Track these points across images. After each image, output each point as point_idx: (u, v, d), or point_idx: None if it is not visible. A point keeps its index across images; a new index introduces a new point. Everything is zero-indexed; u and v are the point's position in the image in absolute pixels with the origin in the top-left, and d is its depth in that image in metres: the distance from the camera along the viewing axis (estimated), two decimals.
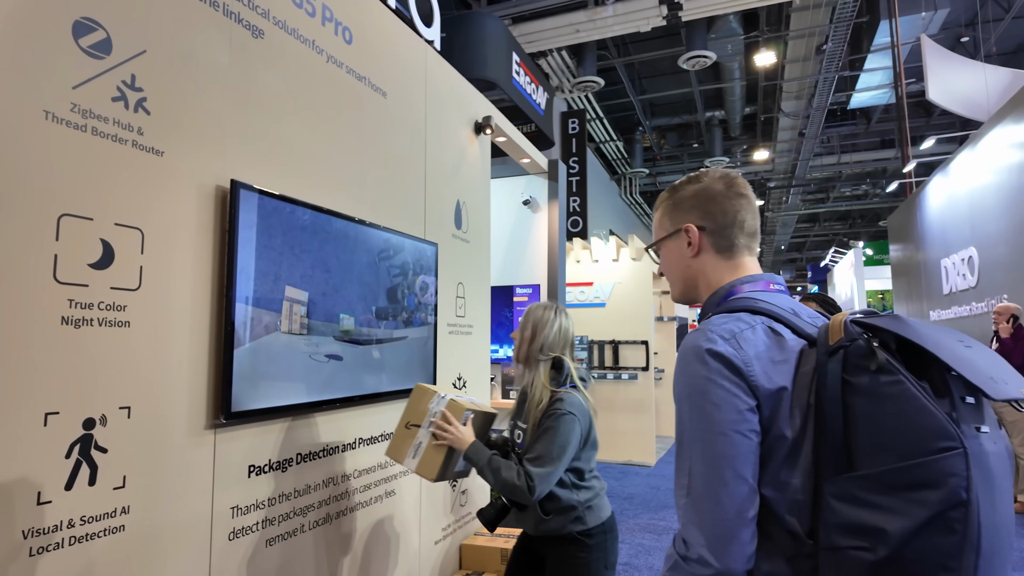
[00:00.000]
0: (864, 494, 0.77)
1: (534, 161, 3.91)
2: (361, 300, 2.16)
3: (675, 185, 1.09)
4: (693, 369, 0.89)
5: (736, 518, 0.83)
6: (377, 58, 2.36)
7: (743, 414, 0.85)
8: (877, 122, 13.42)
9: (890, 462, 0.76)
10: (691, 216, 1.04)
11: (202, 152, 1.61)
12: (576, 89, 10.94)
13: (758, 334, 0.90)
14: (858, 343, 0.81)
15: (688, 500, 0.87)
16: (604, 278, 6.48)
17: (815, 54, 10.33)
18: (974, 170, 6.32)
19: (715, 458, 0.85)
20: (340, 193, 2.13)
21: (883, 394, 0.78)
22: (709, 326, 0.91)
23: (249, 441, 1.73)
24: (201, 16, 1.63)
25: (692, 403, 0.89)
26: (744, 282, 1.00)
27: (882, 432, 0.77)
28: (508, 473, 1.67)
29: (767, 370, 0.87)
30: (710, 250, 1.03)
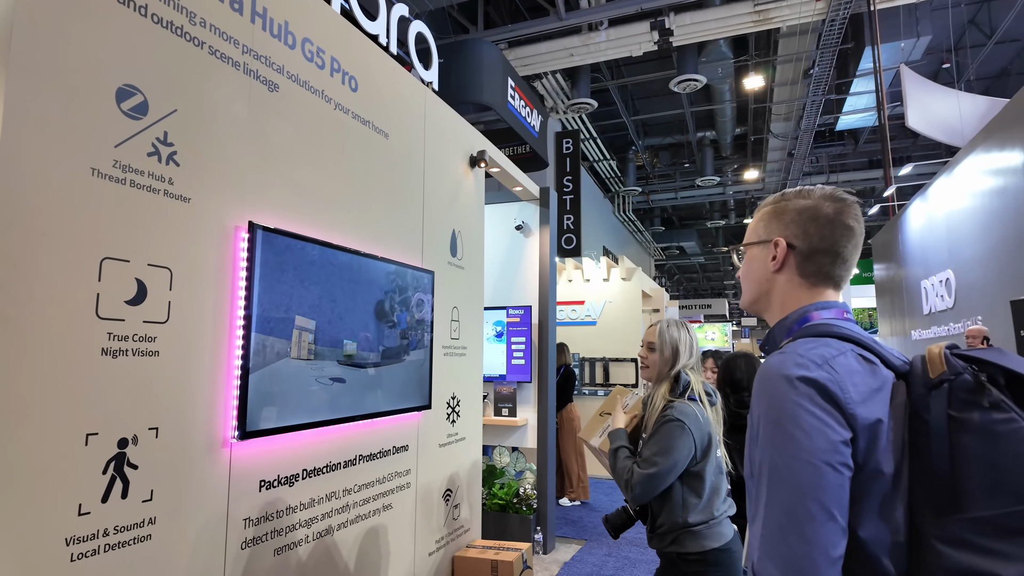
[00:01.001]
0: (978, 538, 0.73)
1: (526, 189, 4.11)
2: (363, 326, 2.33)
3: (785, 193, 1.04)
4: (780, 392, 0.83)
5: (821, 557, 0.77)
6: (380, 102, 2.56)
7: (836, 445, 0.79)
8: (865, 143, 13.74)
9: (1008, 505, 0.72)
10: (788, 231, 0.99)
11: (224, 197, 1.79)
12: (570, 110, 11.21)
13: (850, 361, 0.85)
14: (964, 377, 0.77)
15: (766, 532, 0.81)
16: (595, 297, 6.67)
17: (803, 78, 10.63)
18: (951, 195, 6.56)
19: (802, 489, 0.78)
20: (346, 228, 2.31)
21: (998, 432, 0.74)
22: (796, 350, 0.86)
23: (261, 458, 1.90)
24: (224, 74, 1.82)
25: (778, 428, 0.82)
26: (818, 308, 0.96)
27: (998, 473, 0.73)
28: (622, 464, 1.78)
29: (864, 399, 0.82)
30: (793, 270, 0.99)
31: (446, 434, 3.02)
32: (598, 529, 4.73)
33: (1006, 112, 5.23)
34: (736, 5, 9.06)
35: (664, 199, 15.89)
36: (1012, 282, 4.81)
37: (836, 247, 0.96)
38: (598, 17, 9.35)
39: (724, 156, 14.37)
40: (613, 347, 6.53)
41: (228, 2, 1.84)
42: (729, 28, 9.35)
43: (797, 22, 9.18)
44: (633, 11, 9.20)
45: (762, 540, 0.81)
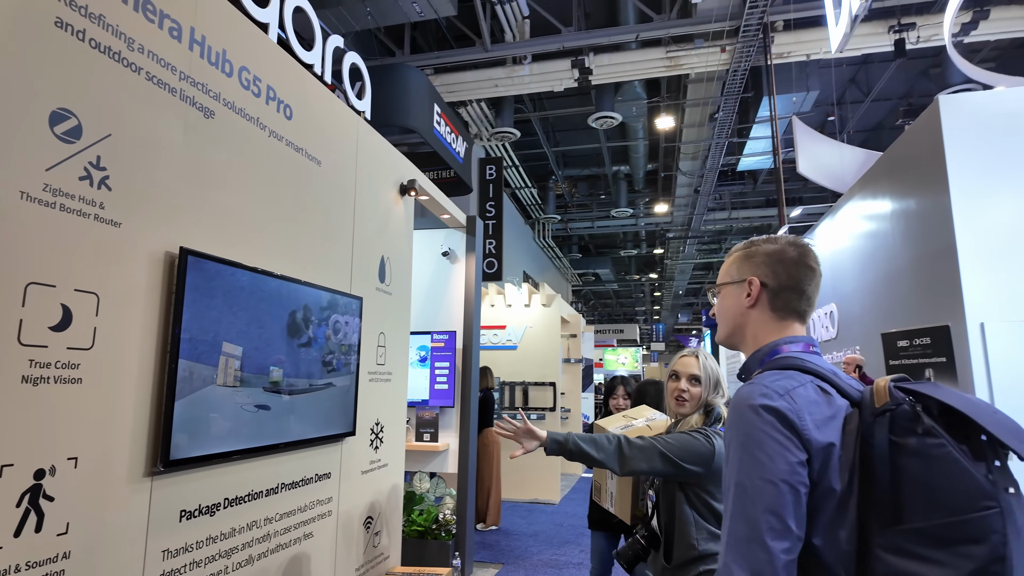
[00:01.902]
0: (914, 547, 0.83)
1: (453, 217, 4.22)
2: (290, 352, 2.34)
3: (753, 240, 1.19)
4: (748, 419, 0.95)
5: (778, 562, 0.89)
6: (314, 130, 2.60)
7: (793, 467, 0.91)
8: (762, 183, 14.92)
9: (940, 518, 0.82)
10: (759, 271, 1.14)
11: (155, 222, 1.78)
12: (494, 138, 11.48)
13: (809, 392, 0.97)
14: (904, 407, 0.88)
15: (732, 540, 0.93)
16: (516, 322, 6.83)
17: (708, 121, 11.48)
18: (834, 236, 7.29)
19: (764, 504, 0.90)
20: (276, 254, 2.32)
21: (931, 456, 0.84)
22: (763, 381, 0.99)
23: (182, 487, 1.86)
24: (160, 100, 1.81)
25: (745, 452, 0.94)
26: (787, 342, 1.09)
27: (930, 490, 0.84)
28: (608, 439, 1.71)
29: (819, 426, 0.94)
30: (765, 306, 1.13)
31: (368, 461, 3.02)
32: (515, 552, 4.81)
33: (879, 165, 5.93)
34: (650, 50, 9.69)
35: (582, 227, 16.47)
36: (884, 316, 5.41)
37: (801, 285, 1.12)
38: (522, 52, 9.70)
39: (637, 190, 15.14)
40: (533, 371, 6.69)
41: (167, 29, 1.85)
42: (643, 71, 9.99)
43: (704, 70, 9.94)
44: (555, 48, 9.63)
45: (728, 548, 0.93)
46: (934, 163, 4.33)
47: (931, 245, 4.55)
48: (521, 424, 1.90)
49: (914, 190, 4.88)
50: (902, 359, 4.61)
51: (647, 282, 23.42)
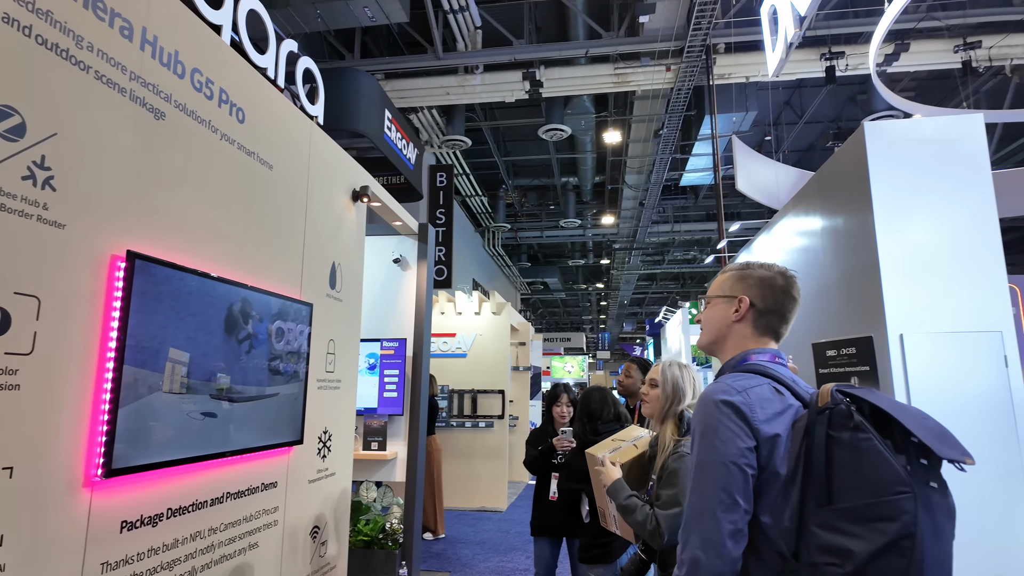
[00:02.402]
0: (841, 523, 0.98)
1: (405, 224, 4.22)
2: (238, 359, 2.30)
3: (749, 263, 1.34)
4: (708, 411, 1.12)
5: (726, 531, 1.04)
6: (266, 135, 2.57)
7: (743, 451, 1.07)
8: (703, 199, 15.48)
9: (860, 499, 0.98)
10: (750, 292, 1.28)
11: (102, 225, 1.73)
12: (445, 145, 11.50)
13: (764, 391, 1.13)
14: (840, 407, 1.04)
15: (690, 512, 1.09)
16: (466, 330, 6.86)
17: (653, 137, 11.85)
18: (769, 250, 7.66)
19: (716, 482, 1.07)
20: (227, 259, 2.28)
21: (860, 448, 1.00)
22: (725, 381, 1.16)
23: (124, 498, 1.80)
24: (110, 100, 1.77)
25: (704, 438, 1.11)
26: (756, 353, 1.25)
27: (856, 476, 0.99)
28: (641, 513, 1.74)
29: (768, 419, 1.09)
30: (749, 323, 1.28)
31: (316, 469, 2.99)
32: (461, 560, 4.81)
33: (810, 185, 6.29)
34: (599, 66, 9.94)
35: (531, 237, 16.66)
36: (815, 327, 5.73)
37: (783, 310, 1.28)
38: (474, 61, 9.78)
39: (585, 201, 15.45)
40: (482, 379, 6.72)
41: (118, 28, 1.81)
42: (592, 86, 10.23)
43: (650, 87, 10.27)
44: (507, 60, 9.75)
45: (687, 518, 1.09)
46: (859, 184, 4.64)
47: (857, 261, 4.86)
48: None
49: (841, 209, 5.21)
50: (830, 367, 4.90)
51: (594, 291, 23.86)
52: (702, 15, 8.31)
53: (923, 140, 4.48)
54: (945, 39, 8.69)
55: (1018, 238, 15.43)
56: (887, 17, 5.51)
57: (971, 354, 4.09)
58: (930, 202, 4.34)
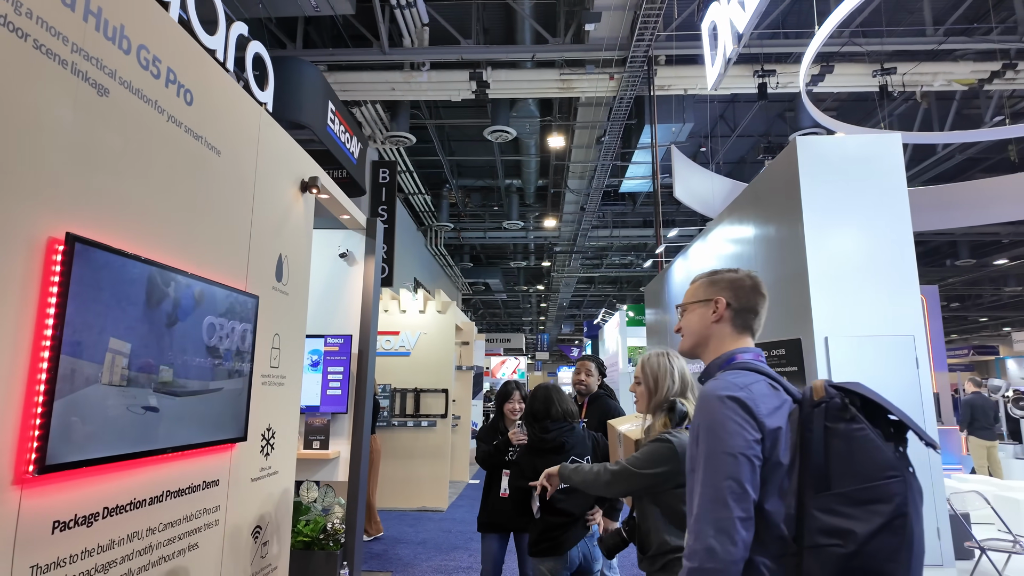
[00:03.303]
0: (839, 507, 1.07)
1: (353, 218, 4.15)
2: (181, 351, 2.20)
3: (715, 270, 1.44)
4: (713, 407, 1.18)
5: (737, 518, 1.11)
6: (215, 119, 2.47)
7: (750, 443, 1.14)
8: (641, 205, 15.94)
9: (856, 484, 1.07)
10: (724, 293, 1.38)
11: (38, 206, 1.62)
12: (389, 141, 11.34)
13: (762, 387, 1.21)
14: (835, 400, 1.13)
15: (701, 501, 1.14)
16: (410, 328, 6.78)
17: (596, 143, 12.10)
18: (705, 256, 7.98)
19: (726, 472, 1.12)
20: (170, 246, 2.18)
21: (854, 437, 1.09)
22: (726, 378, 1.23)
23: (57, 496, 1.69)
24: (49, 72, 1.66)
25: (711, 432, 1.16)
26: (742, 352, 1.33)
27: (851, 463, 1.08)
28: (590, 473, 1.82)
29: (770, 413, 1.17)
30: (727, 322, 1.37)
31: (259, 468, 2.89)
32: (403, 560, 4.76)
33: (744, 195, 6.60)
34: (545, 71, 10.06)
35: (474, 237, 16.64)
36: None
37: (755, 307, 1.38)
38: (421, 58, 9.70)
39: (528, 203, 15.59)
40: (426, 378, 6.66)
41: None
42: (538, 90, 10.35)
43: (594, 95, 10.48)
44: (454, 59, 9.73)
45: (699, 508, 1.14)
46: (791, 196, 4.91)
47: (787, 268, 5.14)
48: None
49: (774, 219, 5.50)
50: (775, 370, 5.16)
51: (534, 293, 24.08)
52: (645, 27, 8.55)
53: (848, 157, 4.79)
54: (865, 64, 9.31)
55: (923, 252, 16.73)
56: (817, 39, 5.87)
57: (887, 356, 4.41)
58: (853, 215, 4.65)
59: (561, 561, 2.51)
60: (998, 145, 11.51)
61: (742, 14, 5.52)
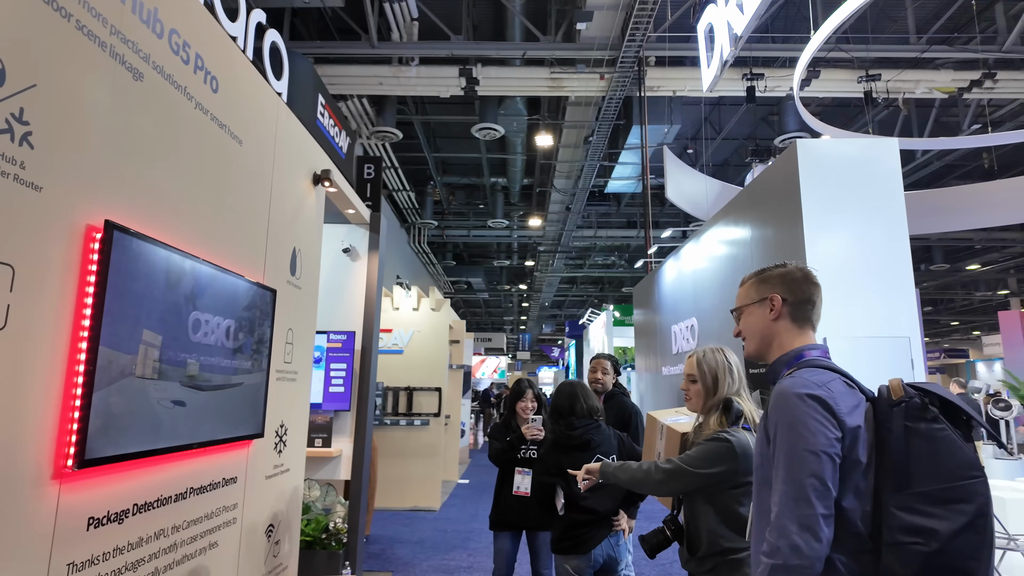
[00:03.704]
0: (921, 506, 1.08)
1: (359, 212, 4.10)
2: (207, 345, 2.14)
3: (763, 268, 1.43)
4: (793, 405, 1.17)
5: (821, 515, 1.11)
6: (238, 107, 2.41)
7: (831, 441, 1.14)
8: (625, 206, 16.05)
9: (939, 483, 1.08)
10: (777, 289, 1.37)
11: (79, 190, 1.57)
12: (374, 136, 11.23)
13: (839, 385, 1.21)
14: (915, 400, 1.14)
15: (784, 499, 1.13)
16: (403, 325, 6.73)
17: (583, 143, 12.14)
18: (697, 258, 8.06)
19: (809, 470, 1.12)
20: (197, 237, 2.13)
21: (936, 437, 1.10)
22: (803, 376, 1.21)
23: (92, 492, 1.64)
24: (90, 54, 1.61)
25: (792, 430, 1.15)
26: (810, 348, 1.32)
27: (934, 462, 1.09)
28: (639, 472, 1.78)
29: (849, 411, 1.17)
30: (787, 318, 1.36)
31: (272, 465, 2.83)
32: (402, 560, 4.72)
33: (739, 198, 6.68)
34: (536, 69, 10.05)
35: (458, 235, 16.58)
36: None
37: (812, 297, 1.37)
38: (410, 53, 9.62)
39: (513, 202, 15.57)
40: (419, 376, 6.61)
41: None
42: (528, 88, 10.34)
43: (583, 94, 10.50)
44: (444, 55, 9.67)
45: (780, 505, 1.14)
46: (790, 198, 4.99)
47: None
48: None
49: (771, 220, 5.58)
50: (760, 367, 5.23)
51: (516, 293, 24.10)
52: (637, 28, 8.59)
53: (846, 160, 4.88)
54: (850, 69, 9.50)
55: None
56: (812, 45, 5.97)
57: (883, 357, 4.50)
58: (850, 217, 4.75)
59: (585, 560, 2.50)
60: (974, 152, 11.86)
61: (740, 16, 5.59)
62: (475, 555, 4.86)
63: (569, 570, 2.52)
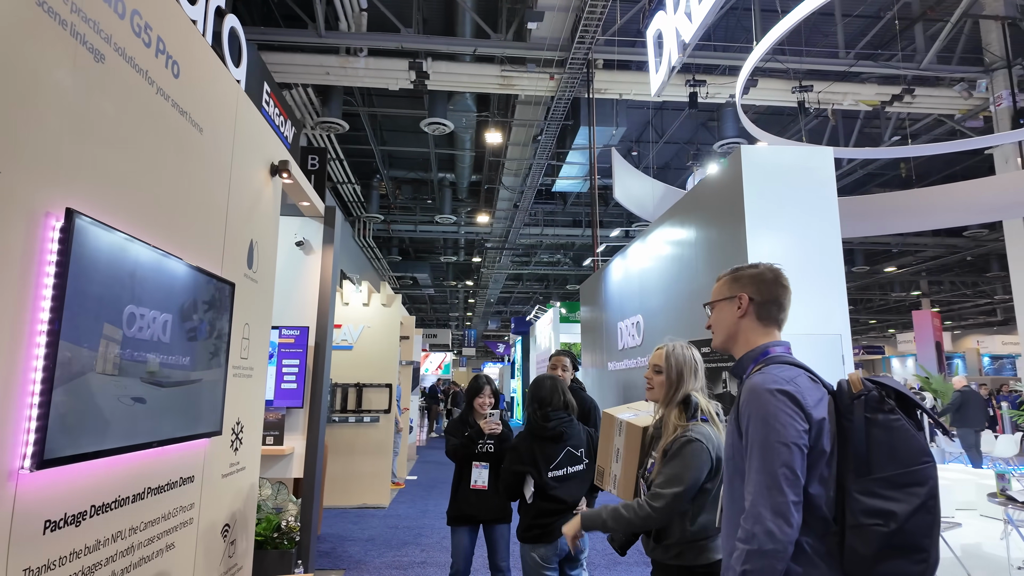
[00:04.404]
0: (880, 490, 1.18)
1: (313, 205, 4.01)
2: (167, 340, 2.07)
3: (738, 267, 1.50)
4: (765, 400, 1.25)
5: (792, 501, 1.19)
6: (198, 94, 2.33)
7: (800, 433, 1.22)
8: (571, 205, 16.29)
9: (897, 469, 1.18)
10: (746, 289, 1.44)
11: (38, 176, 1.49)
12: (319, 127, 10.96)
13: (805, 381, 1.29)
14: (873, 393, 1.23)
15: (757, 488, 1.20)
16: (353, 321, 6.61)
17: (532, 142, 12.25)
18: (644, 257, 8.29)
19: (780, 460, 1.20)
20: (157, 228, 2.04)
21: (893, 427, 1.20)
22: (772, 372, 1.29)
23: (48, 493, 1.56)
24: (50, 31, 1.52)
25: (765, 423, 1.23)
26: (775, 345, 1.41)
27: (890, 450, 1.19)
28: (634, 510, 1.74)
29: (815, 405, 1.25)
30: (752, 316, 1.44)
31: (229, 463, 2.75)
32: (354, 557, 4.66)
33: (685, 200, 6.92)
34: (486, 66, 10.07)
35: (404, 230, 16.38)
36: (687, 327, 6.33)
37: (779, 299, 1.45)
38: (359, 43, 9.46)
39: (460, 198, 15.52)
40: (368, 373, 6.51)
41: None
42: (478, 85, 10.35)
43: (533, 93, 10.60)
44: (394, 47, 9.56)
45: (755, 494, 1.21)
46: (734, 201, 5.22)
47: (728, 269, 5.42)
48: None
49: (715, 221, 5.81)
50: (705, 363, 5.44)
51: (462, 289, 24.00)
52: (586, 30, 8.74)
53: (786, 166, 5.15)
54: (785, 80, 9.99)
55: None
56: (754, 55, 6.25)
57: (817, 353, 4.77)
58: (789, 220, 5.01)
59: (552, 548, 2.56)
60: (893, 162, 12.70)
61: (688, 24, 5.79)
62: (428, 550, 4.86)
63: (536, 558, 2.57)
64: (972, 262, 19.07)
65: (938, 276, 20.73)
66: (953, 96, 10.21)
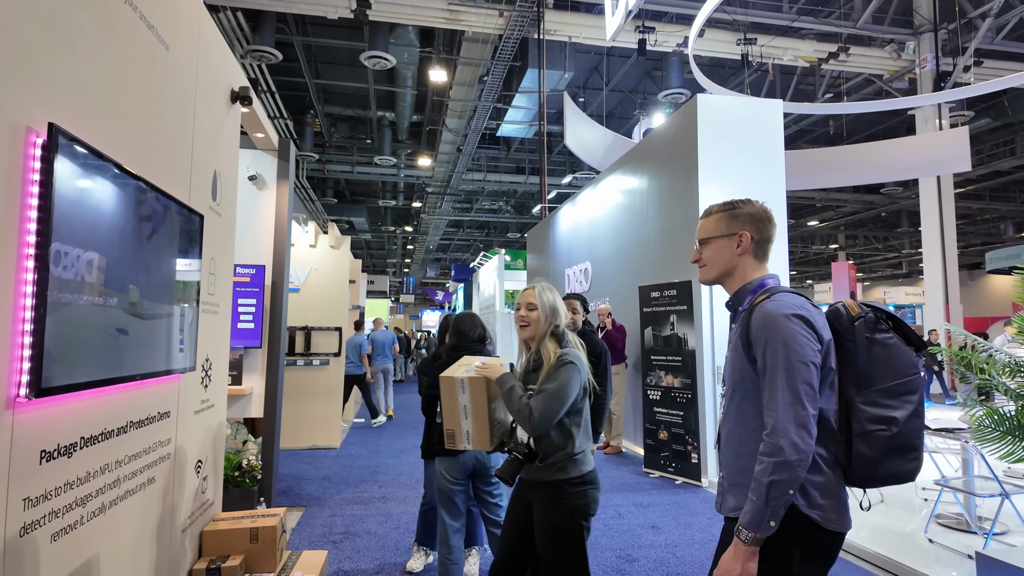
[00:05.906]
0: (881, 399, 1.35)
1: (267, 137, 3.83)
2: (146, 270, 1.98)
3: (732, 202, 1.56)
4: (782, 324, 1.35)
5: (812, 414, 1.31)
6: (163, 6, 2.15)
7: (815, 352, 1.35)
8: (514, 151, 16.13)
9: (894, 380, 1.36)
10: (747, 227, 1.52)
11: (16, 87, 1.37)
12: (249, 56, 10.26)
13: (811, 306, 1.41)
14: (869, 315, 1.40)
15: (782, 404, 1.31)
16: (299, 263, 6.42)
17: (478, 82, 11.93)
18: (594, 205, 8.41)
19: (801, 377, 1.31)
20: (130, 151, 1.92)
21: (889, 344, 1.37)
22: (783, 299, 1.40)
23: (43, 424, 1.50)
24: None
25: (786, 346, 1.33)
26: (768, 278, 1.52)
27: (888, 364, 1.36)
28: (519, 402, 1.91)
29: (823, 327, 1.39)
30: (750, 254, 1.52)
31: (200, 400, 2.69)
32: (313, 495, 4.70)
33: (635, 150, 7.01)
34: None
35: (340, 171, 15.79)
36: (635, 273, 6.55)
37: (771, 237, 1.56)
38: None
39: (401, 140, 15.03)
40: (316, 316, 6.39)
41: None
42: (424, 18, 9.92)
43: (481, 30, 10.27)
44: None
45: (781, 410, 1.32)
46: (687, 150, 5.36)
47: (677, 217, 5.63)
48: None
49: (668, 170, 5.96)
50: (653, 307, 5.68)
51: (401, 234, 23.56)
52: None
53: (738, 117, 5.31)
54: (732, 32, 10.14)
55: None
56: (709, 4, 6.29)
57: None
58: (740, 169, 5.22)
59: (454, 462, 2.76)
60: (822, 119, 13.26)
61: None
62: (386, 486, 4.96)
63: (443, 472, 2.80)
64: (885, 218, 20.47)
65: (854, 231, 22.16)
66: (884, 56, 10.70)
